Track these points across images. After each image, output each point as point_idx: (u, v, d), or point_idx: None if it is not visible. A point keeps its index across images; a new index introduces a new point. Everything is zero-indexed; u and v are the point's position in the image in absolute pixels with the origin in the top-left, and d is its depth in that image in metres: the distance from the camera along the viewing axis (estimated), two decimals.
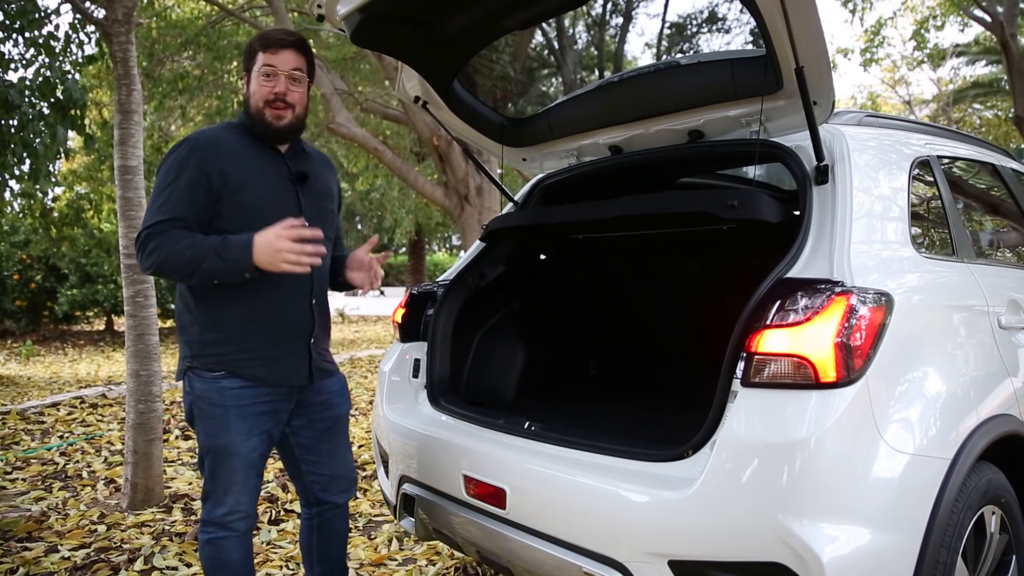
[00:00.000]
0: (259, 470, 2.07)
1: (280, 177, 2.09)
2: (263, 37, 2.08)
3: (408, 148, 13.41)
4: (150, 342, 3.74)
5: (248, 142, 2.08)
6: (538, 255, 3.22)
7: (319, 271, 2.10)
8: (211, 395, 2.01)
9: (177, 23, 10.00)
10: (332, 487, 2.24)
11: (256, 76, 2.04)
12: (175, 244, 1.90)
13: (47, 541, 3.26)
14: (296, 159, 2.14)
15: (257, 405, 2.03)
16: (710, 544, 1.61)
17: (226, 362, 2.01)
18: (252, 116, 2.06)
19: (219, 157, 1.99)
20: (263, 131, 2.06)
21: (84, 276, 11.76)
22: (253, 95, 2.05)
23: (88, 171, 10.19)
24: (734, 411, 1.64)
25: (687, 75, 2.29)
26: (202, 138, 2.03)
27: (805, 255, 1.77)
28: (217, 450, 2.01)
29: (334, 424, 2.23)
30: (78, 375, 8.82)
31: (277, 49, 2.03)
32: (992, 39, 11.47)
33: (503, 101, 3.08)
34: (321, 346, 2.17)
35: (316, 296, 2.12)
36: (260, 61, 2.03)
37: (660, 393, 3.14)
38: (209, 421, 2.01)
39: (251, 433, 2.02)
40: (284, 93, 2.03)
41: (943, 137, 2.64)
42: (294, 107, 2.06)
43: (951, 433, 1.74)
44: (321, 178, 2.21)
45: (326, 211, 2.19)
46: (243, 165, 2.02)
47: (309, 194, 2.13)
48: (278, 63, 2.03)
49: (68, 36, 5.15)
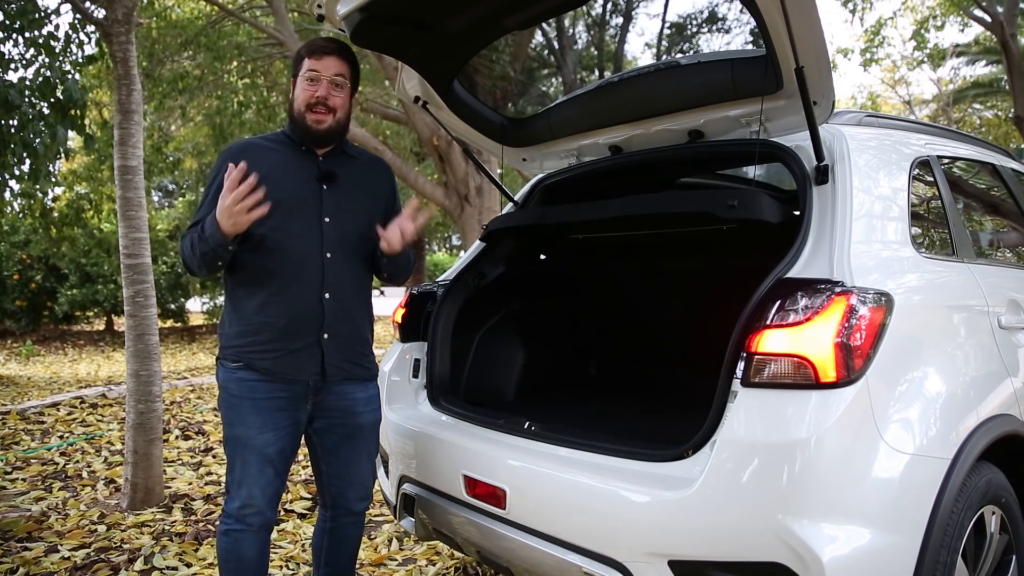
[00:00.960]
0: (277, 467, 2.07)
1: (307, 177, 2.13)
2: (309, 44, 2.15)
3: (408, 148, 13.42)
4: (150, 342, 3.74)
5: (282, 147, 2.16)
6: (538, 255, 3.22)
7: (334, 266, 2.10)
8: (231, 385, 2.07)
9: (177, 23, 9.99)
10: (350, 493, 2.23)
11: (300, 81, 2.11)
12: (185, 245, 2.06)
13: (47, 541, 3.26)
14: (335, 161, 2.18)
15: (273, 400, 2.04)
16: (710, 544, 1.61)
17: (242, 354, 2.07)
18: (294, 119, 2.13)
19: (246, 161, 2.01)
20: (303, 134, 2.12)
21: (84, 276, 11.77)
22: (296, 99, 2.12)
23: (88, 171, 10.18)
24: (734, 411, 1.64)
25: (687, 75, 2.29)
26: (234, 146, 2.16)
27: (805, 255, 1.77)
28: (233, 440, 2.07)
29: (356, 433, 2.19)
30: (78, 375, 8.82)
31: (321, 55, 2.10)
32: (992, 39, 11.47)
33: (503, 101, 3.08)
34: (343, 345, 2.13)
35: (330, 291, 2.09)
36: (305, 67, 2.10)
37: (660, 393, 3.14)
38: (227, 410, 2.09)
39: (265, 427, 2.03)
40: (326, 97, 2.09)
41: (943, 137, 2.64)
42: (335, 111, 2.11)
43: (951, 433, 1.74)
44: (362, 177, 2.23)
45: (355, 211, 2.18)
46: (267, 165, 2.04)
47: (336, 192, 2.15)
48: (321, 68, 2.09)
49: (68, 36, 5.15)
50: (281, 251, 2.05)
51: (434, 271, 25.14)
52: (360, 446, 2.21)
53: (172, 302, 12.70)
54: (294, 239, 2.06)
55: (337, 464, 2.20)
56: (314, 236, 2.08)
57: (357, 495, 2.24)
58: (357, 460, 2.22)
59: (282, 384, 2.06)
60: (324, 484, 2.24)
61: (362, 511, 2.28)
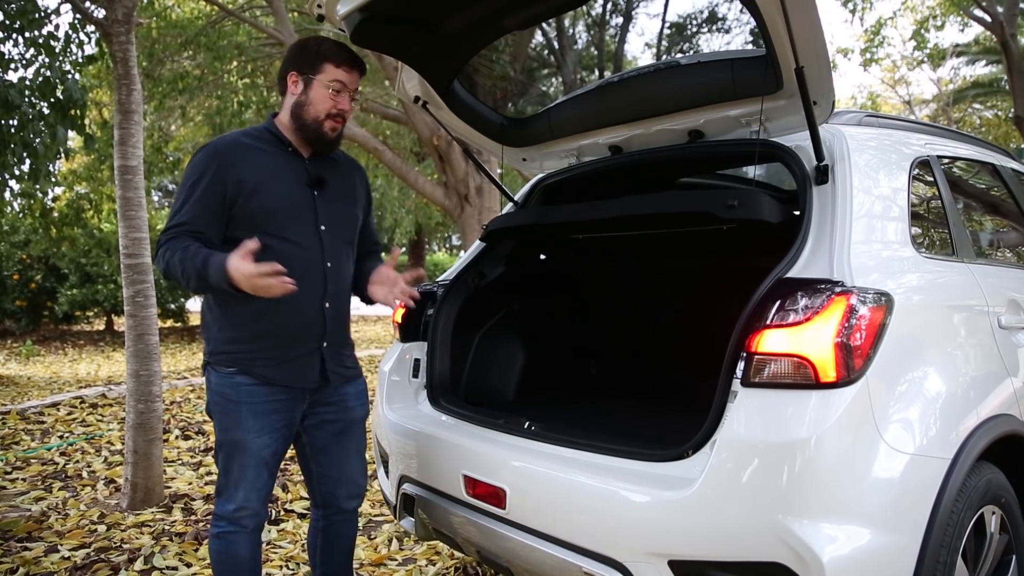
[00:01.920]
0: (271, 469, 2.07)
1: (297, 182, 2.09)
2: (337, 51, 2.08)
3: (408, 148, 13.41)
4: (150, 342, 3.74)
5: (268, 147, 2.09)
6: (538, 255, 3.22)
7: (334, 275, 2.11)
8: (226, 390, 2.04)
9: (177, 23, 9.99)
10: (340, 492, 2.23)
11: (323, 87, 2.05)
12: (172, 256, 1.93)
13: (47, 541, 3.26)
14: (319, 164, 2.15)
15: (270, 403, 2.04)
16: (710, 544, 1.61)
17: (238, 360, 2.04)
18: (306, 124, 2.07)
19: (236, 164, 2.00)
20: (316, 140, 2.10)
21: (84, 276, 11.76)
22: (313, 104, 2.06)
23: (88, 171, 10.17)
24: (734, 411, 1.64)
25: (687, 75, 2.29)
26: (220, 144, 2.06)
27: (805, 255, 1.77)
28: (230, 445, 2.04)
29: (348, 427, 2.21)
30: (78, 375, 8.82)
31: (350, 68, 2.08)
32: (992, 39, 11.47)
33: (503, 101, 3.08)
34: (338, 350, 2.16)
35: (330, 300, 2.10)
36: (331, 74, 2.05)
37: (660, 393, 3.14)
38: (223, 416, 2.05)
39: (263, 431, 2.03)
40: (346, 111, 2.09)
41: (943, 137, 2.64)
42: (346, 120, 2.12)
43: (951, 433, 1.74)
44: (344, 182, 2.22)
45: (345, 216, 2.18)
46: (259, 170, 2.02)
47: (327, 199, 2.13)
48: (349, 82, 2.08)
49: (68, 36, 5.15)
50: (283, 260, 1.91)
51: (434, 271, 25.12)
52: (350, 442, 2.22)
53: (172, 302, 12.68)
54: (295, 248, 2.02)
55: (327, 462, 2.20)
56: (315, 246, 2.07)
57: (347, 493, 2.24)
58: (347, 457, 2.22)
59: (281, 388, 2.05)
60: (314, 483, 2.24)
61: (353, 509, 2.28)
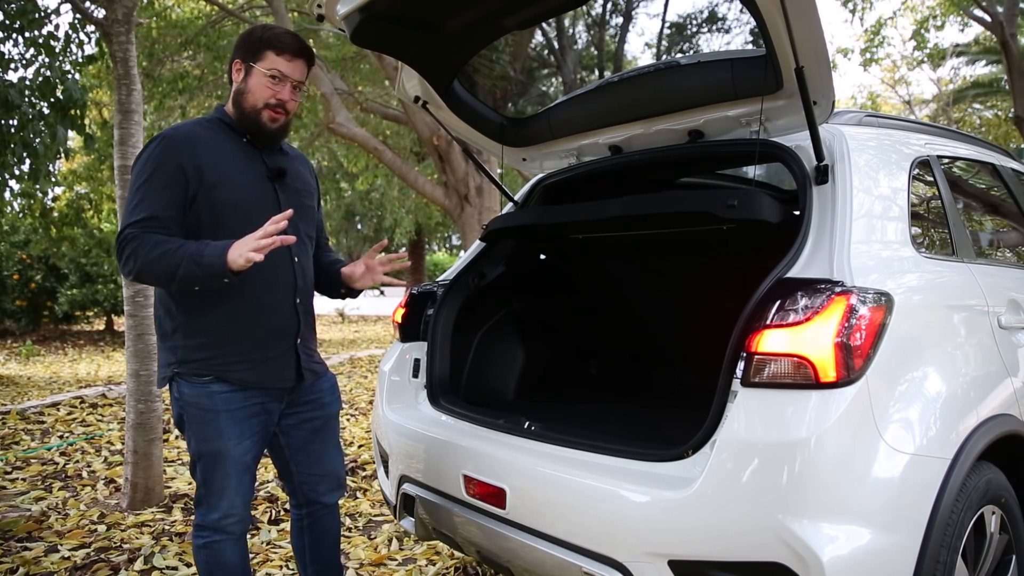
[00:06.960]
0: (252, 472, 2.06)
1: (258, 174, 2.05)
2: (277, 38, 2.00)
3: (408, 148, 13.40)
4: (150, 342, 3.73)
5: (224, 138, 2.02)
6: (538, 255, 3.22)
7: (301, 270, 2.09)
8: (201, 400, 1.97)
9: (177, 23, 10.00)
10: (322, 487, 2.23)
11: (260, 75, 1.99)
12: (150, 252, 1.84)
13: (47, 541, 3.26)
14: (273, 155, 2.11)
15: (248, 408, 2.00)
16: (710, 544, 1.61)
17: (212, 367, 1.97)
18: (245, 113, 2.02)
19: (194, 154, 1.94)
20: (255, 131, 2.04)
21: (84, 276, 11.76)
22: (251, 92, 2.00)
23: (88, 171, 10.19)
24: (734, 411, 1.64)
25: (687, 75, 2.29)
26: (176, 134, 1.96)
27: (805, 255, 1.77)
28: (210, 455, 1.98)
29: (325, 423, 2.21)
30: (78, 375, 8.81)
31: (292, 56, 2.00)
32: (992, 39, 11.47)
33: (503, 101, 3.08)
34: (309, 346, 2.15)
35: (300, 296, 2.09)
36: (269, 61, 1.99)
37: (660, 393, 3.14)
38: (201, 427, 1.98)
39: (243, 436, 2.00)
40: (286, 101, 2.02)
41: (943, 137, 2.64)
42: (289, 112, 2.05)
43: (951, 433, 1.74)
44: (300, 175, 2.18)
45: (305, 208, 2.15)
46: (219, 162, 1.97)
47: (287, 191, 2.10)
48: (289, 71, 2.00)
49: (68, 36, 5.15)
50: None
51: (434, 271, 25.13)
52: (329, 436, 2.23)
53: None
54: None
55: (307, 461, 2.20)
56: None
57: (328, 487, 2.24)
58: (326, 452, 2.22)
59: (257, 391, 2.02)
60: (295, 483, 2.23)
61: (335, 502, 2.27)
